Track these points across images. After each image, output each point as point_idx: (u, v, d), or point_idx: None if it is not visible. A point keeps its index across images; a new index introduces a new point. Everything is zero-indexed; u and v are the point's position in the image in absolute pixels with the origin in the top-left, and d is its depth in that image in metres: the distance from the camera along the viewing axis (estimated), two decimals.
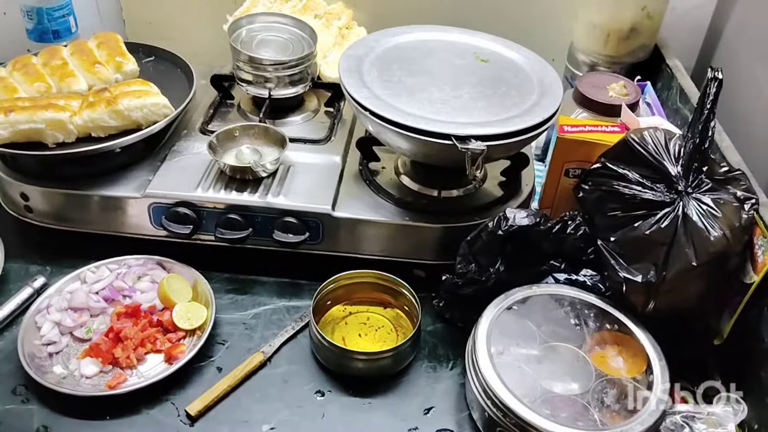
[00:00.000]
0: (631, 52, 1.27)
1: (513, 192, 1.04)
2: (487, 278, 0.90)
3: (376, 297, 0.97)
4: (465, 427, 0.84)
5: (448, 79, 0.99)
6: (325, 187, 1.01)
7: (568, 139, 0.95)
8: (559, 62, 1.33)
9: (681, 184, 0.81)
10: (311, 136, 1.12)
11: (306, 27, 1.18)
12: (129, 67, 1.13)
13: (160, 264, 1.00)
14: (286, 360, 0.91)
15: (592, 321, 0.86)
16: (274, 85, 1.12)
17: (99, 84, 1.10)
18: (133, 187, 1.00)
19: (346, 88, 0.96)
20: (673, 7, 1.30)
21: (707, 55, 1.37)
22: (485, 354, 0.80)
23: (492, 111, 0.94)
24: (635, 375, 0.80)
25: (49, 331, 0.90)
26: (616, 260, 0.84)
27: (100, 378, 0.86)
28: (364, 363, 0.87)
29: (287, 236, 0.98)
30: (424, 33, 1.10)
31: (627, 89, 1.11)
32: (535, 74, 1.03)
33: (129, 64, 1.13)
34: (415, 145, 0.91)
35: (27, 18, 1.25)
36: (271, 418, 0.84)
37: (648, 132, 0.85)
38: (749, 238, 0.81)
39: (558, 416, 0.75)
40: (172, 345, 0.90)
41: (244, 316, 0.97)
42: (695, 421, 0.79)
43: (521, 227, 0.88)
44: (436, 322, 0.97)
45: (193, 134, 1.11)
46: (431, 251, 1.00)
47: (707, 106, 0.80)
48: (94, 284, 0.96)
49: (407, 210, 0.98)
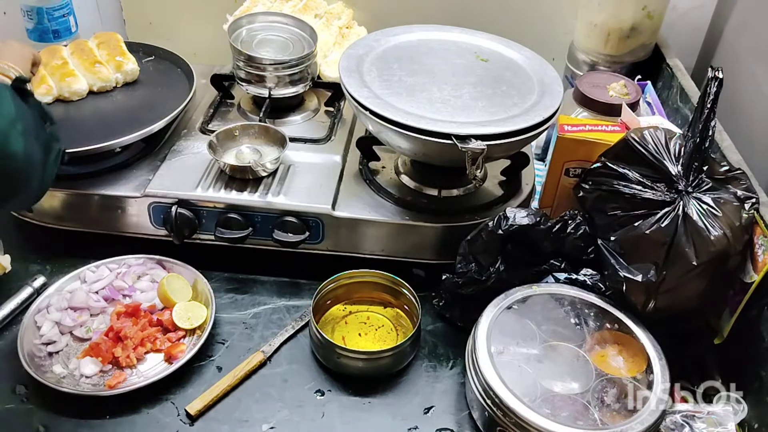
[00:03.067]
0: (631, 51, 1.27)
1: (513, 191, 1.04)
2: (487, 277, 0.90)
3: (376, 296, 0.97)
4: (465, 426, 0.84)
5: (449, 78, 0.99)
6: (325, 186, 1.01)
7: (568, 139, 0.95)
8: (559, 62, 1.33)
9: (681, 183, 0.81)
10: (311, 135, 1.12)
11: (306, 26, 1.18)
12: (129, 67, 1.13)
13: (160, 263, 1.00)
14: (286, 359, 0.91)
15: (592, 320, 0.86)
16: (274, 84, 1.12)
17: (99, 83, 1.10)
18: (133, 186, 1.00)
19: (346, 87, 0.96)
20: (673, 6, 1.30)
21: (707, 54, 1.37)
22: (485, 353, 0.80)
23: (492, 110, 0.94)
24: (635, 374, 0.80)
25: (49, 331, 0.90)
26: (616, 259, 0.84)
27: (100, 377, 0.86)
28: (364, 362, 0.87)
29: (287, 236, 0.98)
30: (425, 32, 1.10)
31: (627, 89, 1.11)
32: (535, 74, 1.03)
33: (129, 63, 1.13)
34: (416, 145, 0.91)
35: (27, 18, 1.25)
36: (271, 418, 0.84)
37: (648, 131, 0.85)
38: (749, 237, 0.81)
39: (558, 415, 0.75)
40: (172, 344, 0.89)
41: (244, 316, 0.97)
42: (695, 420, 0.79)
43: (521, 226, 0.88)
44: (436, 321, 0.97)
45: (193, 134, 1.11)
46: (431, 251, 1.00)
47: (707, 106, 0.80)
48: (94, 284, 0.96)
49: (407, 209, 0.98)
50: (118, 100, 1.11)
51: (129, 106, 1.10)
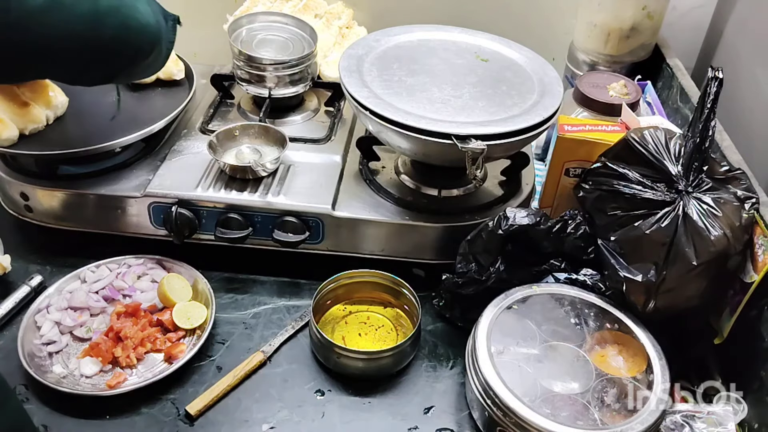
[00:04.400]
0: (631, 51, 1.27)
1: (513, 191, 1.04)
2: (487, 277, 0.90)
3: (376, 296, 0.97)
4: (465, 426, 0.84)
5: (449, 78, 0.99)
6: (325, 186, 1.01)
7: (568, 139, 0.95)
8: (559, 61, 1.33)
9: (681, 183, 0.81)
10: (311, 135, 1.12)
11: (306, 26, 1.17)
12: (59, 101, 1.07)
13: (160, 263, 1.00)
14: (285, 359, 0.91)
15: (592, 320, 0.86)
16: (274, 84, 1.12)
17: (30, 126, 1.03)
18: (132, 186, 1.00)
19: (347, 87, 0.96)
20: (673, 6, 1.30)
21: (708, 54, 1.37)
22: (485, 353, 0.80)
23: (492, 110, 0.94)
24: (635, 374, 0.80)
25: (49, 331, 0.90)
26: (616, 259, 0.84)
27: (100, 377, 0.86)
28: (364, 362, 0.87)
29: (287, 236, 0.98)
30: (425, 32, 1.10)
31: (627, 88, 1.11)
32: (535, 73, 1.03)
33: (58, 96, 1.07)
34: (416, 145, 0.91)
35: None
36: (270, 418, 0.84)
37: (648, 131, 0.85)
38: (749, 237, 0.81)
39: (558, 415, 0.75)
40: (172, 344, 0.89)
41: (243, 316, 0.97)
42: (695, 420, 0.79)
43: (521, 226, 0.88)
44: (436, 321, 0.97)
45: (193, 134, 1.11)
46: (431, 250, 1.00)
47: (708, 106, 0.80)
48: (94, 284, 0.96)
49: (407, 209, 0.98)
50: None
51: (129, 106, 1.10)
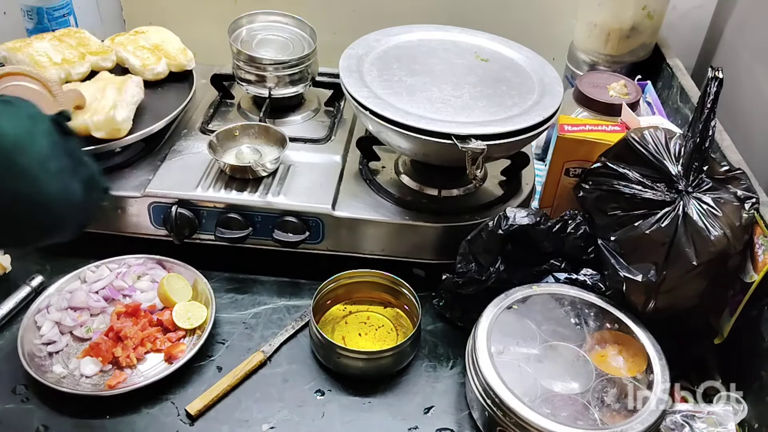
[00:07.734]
0: (631, 51, 1.27)
1: (513, 191, 1.04)
2: (487, 277, 0.90)
3: (376, 296, 0.97)
4: (465, 426, 0.84)
5: (449, 78, 0.99)
6: (325, 186, 1.01)
7: (568, 139, 0.95)
8: (559, 61, 1.33)
9: (681, 183, 0.81)
10: (311, 135, 1.12)
11: (306, 26, 1.17)
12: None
13: (160, 263, 1.00)
14: (286, 359, 0.91)
15: (592, 320, 0.86)
16: (274, 84, 1.12)
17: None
18: (132, 186, 1.00)
19: (347, 87, 0.96)
20: (673, 6, 1.30)
21: (708, 54, 1.37)
22: (485, 353, 0.80)
23: (492, 110, 0.94)
24: (635, 374, 0.80)
25: (49, 331, 0.90)
26: (616, 259, 0.84)
27: (100, 377, 0.86)
28: (364, 362, 0.87)
29: (287, 235, 0.98)
30: (425, 32, 1.10)
31: (627, 88, 1.11)
32: (535, 73, 1.03)
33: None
34: (416, 145, 0.91)
35: (27, 18, 1.25)
36: (271, 418, 0.84)
37: (648, 131, 0.85)
38: (750, 237, 0.81)
39: (558, 415, 0.75)
40: (172, 344, 0.89)
41: (244, 316, 0.97)
42: (695, 420, 0.79)
43: (521, 226, 0.88)
44: (436, 321, 0.97)
45: (193, 134, 1.11)
46: (431, 250, 0.99)
47: (708, 106, 0.80)
48: (94, 283, 0.96)
49: (407, 209, 0.98)
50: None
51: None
